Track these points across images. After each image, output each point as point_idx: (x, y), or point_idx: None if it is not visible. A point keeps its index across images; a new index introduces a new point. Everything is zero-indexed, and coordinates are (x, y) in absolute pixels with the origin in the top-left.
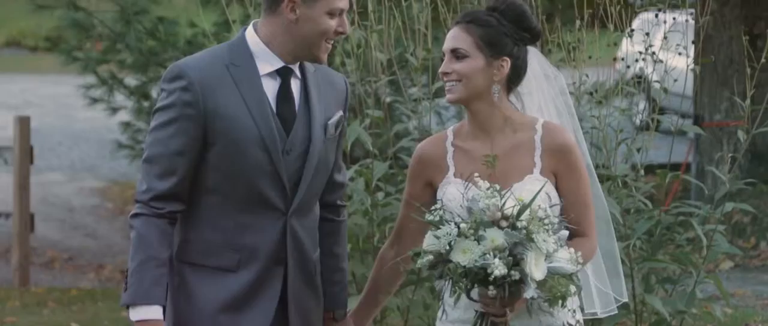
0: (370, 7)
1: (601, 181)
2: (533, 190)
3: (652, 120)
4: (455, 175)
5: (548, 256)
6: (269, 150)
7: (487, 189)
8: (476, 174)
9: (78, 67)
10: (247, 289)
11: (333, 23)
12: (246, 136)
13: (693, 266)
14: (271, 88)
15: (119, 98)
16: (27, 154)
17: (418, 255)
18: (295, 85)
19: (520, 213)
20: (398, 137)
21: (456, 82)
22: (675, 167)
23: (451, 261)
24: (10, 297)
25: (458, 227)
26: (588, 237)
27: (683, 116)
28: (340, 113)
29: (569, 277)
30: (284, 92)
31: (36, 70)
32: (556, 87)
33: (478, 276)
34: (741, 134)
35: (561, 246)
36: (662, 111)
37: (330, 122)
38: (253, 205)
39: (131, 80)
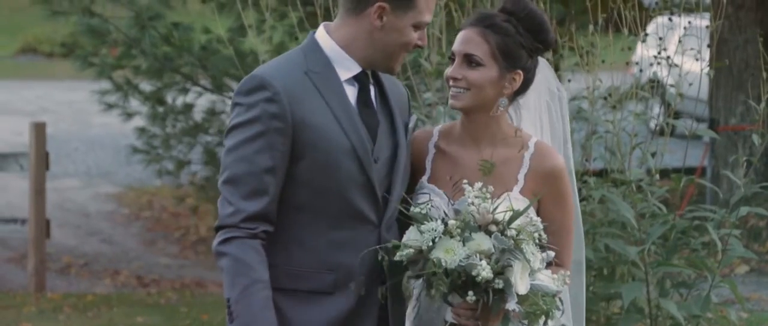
0: None
1: (616, 186)
2: (515, 206)
3: (667, 124)
4: (429, 181)
5: (532, 273)
6: (361, 159)
7: (480, 189)
8: (465, 180)
9: (93, 73)
10: (346, 313)
11: (415, 36)
12: (336, 146)
13: (708, 270)
14: (351, 94)
15: (134, 104)
16: (43, 160)
17: (398, 247)
18: (371, 91)
19: (512, 219)
20: None
21: (464, 90)
22: (690, 171)
23: (430, 259)
24: (26, 302)
25: (446, 224)
26: (564, 267)
27: (698, 120)
28: (415, 116)
29: (552, 297)
30: (365, 98)
31: (52, 76)
32: (557, 105)
33: (459, 278)
34: (756, 138)
35: (544, 265)
36: (677, 115)
37: (410, 125)
38: (345, 220)
39: (146, 86)
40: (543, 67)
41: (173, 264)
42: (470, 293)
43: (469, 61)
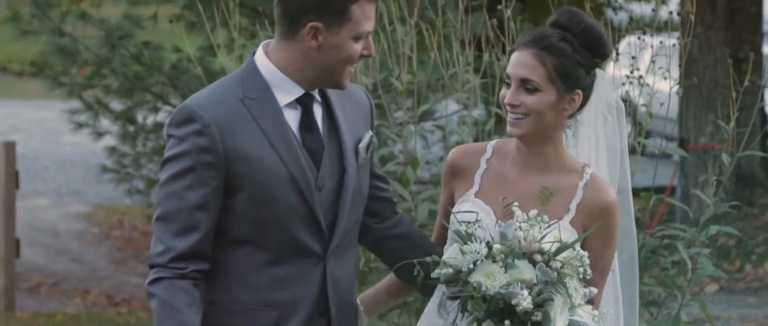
0: None
1: None
2: (563, 237)
3: (638, 143)
4: (477, 195)
5: (572, 308)
6: (302, 190)
7: (534, 217)
8: (516, 203)
9: (63, 92)
10: None
11: (358, 47)
12: (274, 177)
13: (678, 289)
14: (293, 118)
15: (104, 123)
16: (12, 179)
17: (438, 264)
18: (317, 112)
19: (559, 251)
20: (384, 161)
21: (524, 116)
22: (660, 190)
23: (469, 282)
24: None
25: (490, 248)
26: (595, 306)
27: (668, 139)
28: (370, 133)
29: None
30: (308, 122)
31: (22, 95)
32: (614, 118)
33: (497, 306)
34: (726, 157)
35: (585, 302)
36: (647, 134)
37: (360, 146)
38: (287, 254)
39: (117, 105)
40: (600, 78)
41: (144, 284)
42: (507, 322)
43: (526, 86)
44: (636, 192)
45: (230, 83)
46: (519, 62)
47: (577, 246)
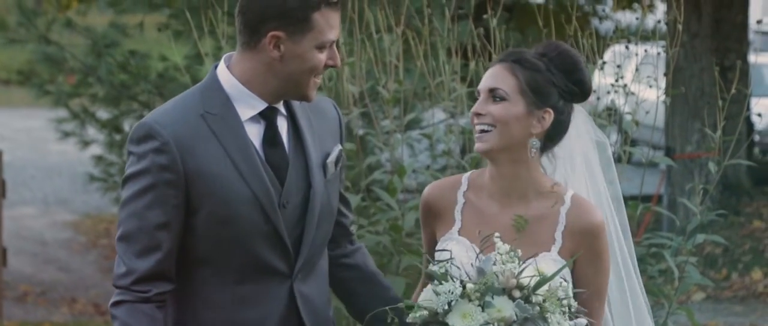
0: (340, 40)
1: None
2: (550, 270)
3: (624, 152)
4: (461, 233)
5: None
6: (264, 207)
7: (508, 252)
8: (496, 233)
9: (50, 101)
10: None
11: (322, 57)
12: (235, 195)
13: (665, 298)
14: (255, 133)
15: (91, 132)
16: None
17: (412, 308)
18: (282, 125)
19: (538, 285)
20: (371, 170)
21: (490, 127)
22: (646, 199)
23: (446, 324)
24: None
25: (464, 287)
26: None
27: (655, 148)
28: (339, 147)
29: None
30: (271, 136)
31: (8, 103)
32: (597, 156)
33: None
34: (712, 166)
35: None
36: (634, 143)
37: (328, 160)
38: (252, 273)
39: (103, 113)
40: (583, 116)
41: None
42: None
43: (494, 96)
44: (622, 200)
45: (190, 98)
46: (490, 75)
47: (566, 275)
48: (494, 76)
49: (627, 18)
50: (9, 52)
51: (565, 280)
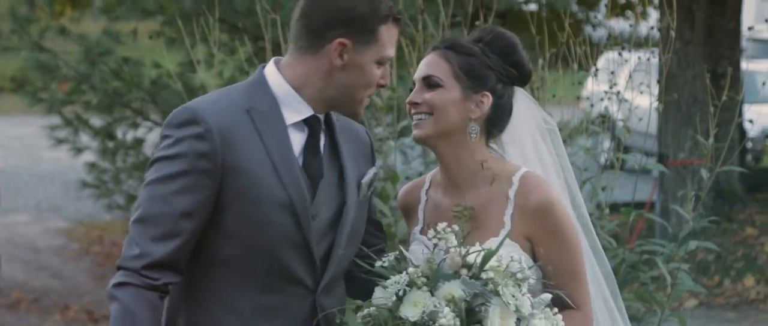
0: None
1: None
2: (502, 254)
3: (617, 159)
4: (422, 232)
5: (523, 319)
6: (298, 215)
7: (443, 229)
8: (445, 224)
9: (43, 108)
10: None
11: (378, 73)
12: (270, 198)
13: (657, 304)
14: (297, 140)
15: (84, 139)
16: None
17: (360, 308)
18: (321, 137)
19: (485, 261)
20: None
21: (426, 115)
22: (639, 206)
23: (399, 317)
24: None
25: (408, 275)
26: (581, 311)
27: (647, 155)
28: (374, 170)
29: None
30: (313, 145)
31: (1, 111)
32: (547, 138)
33: None
34: (704, 172)
35: (542, 310)
36: (626, 150)
37: (364, 180)
38: (276, 282)
39: (96, 121)
40: (525, 99)
41: None
42: None
43: (428, 83)
44: (616, 207)
45: (236, 93)
46: (423, 63)
47: (517, 252)
48: (428, 64)
49: (620, 25)
50: (2, 59)
51: (520, 263)
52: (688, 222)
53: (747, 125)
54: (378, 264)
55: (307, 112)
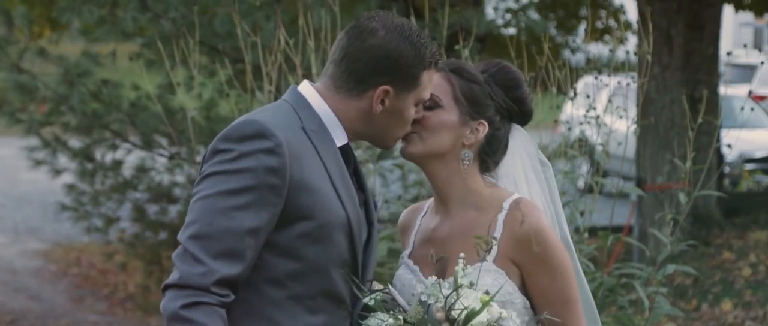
0: (313, 70)
1: None
2: (485, 284)
3: (595, 183)
4: (410, 256)
5: None
6: (353, 234)
7: (432, 284)
8: (434, 278)
9: (21, 129)
10: None
11: (414, 111)
12: (333, 217)
13: None
14: (343, 161)
15: (63, 160)
16: None
17: None
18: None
19: (468, 319)
20: None
21: (419, 134)
22: (617, 229)
23: None
24: None
25: (394, 319)
26: None
27: (625, 179)
28: (380, 198)
29: None
30: (355, 167)
31: None
32: (542, 181)
33: None
34: (682, 196)
35: None
36: (605, 174)
37: (378, 203)
38: (324, 303)
39: (75, 142)
40: (523, 137)
41: (101, 321)
42: None
43: (428, 103)
44: (594, 231)
45: (285, 110)
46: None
47: (512, 289)
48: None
49: (599, 49)
50: None
51: (512, 301)
52: (666, 246)
53: (725, 150)
54: (365, 299)
55: (345, 139)
